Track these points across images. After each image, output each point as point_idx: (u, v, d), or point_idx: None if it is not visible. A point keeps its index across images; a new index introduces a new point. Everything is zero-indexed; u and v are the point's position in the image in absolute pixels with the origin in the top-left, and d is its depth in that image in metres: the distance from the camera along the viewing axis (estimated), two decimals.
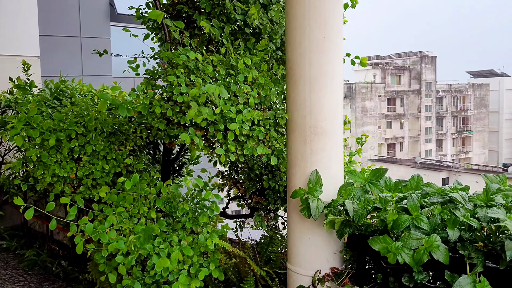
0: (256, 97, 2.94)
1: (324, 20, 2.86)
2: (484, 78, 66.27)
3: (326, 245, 2.89)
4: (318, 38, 2.84)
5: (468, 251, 2.25)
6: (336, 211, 2.74)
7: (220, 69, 2.91)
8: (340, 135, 2.98)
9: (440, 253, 2.23)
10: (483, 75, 68.21)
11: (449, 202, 2.44)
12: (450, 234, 2.29)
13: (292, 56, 2.95)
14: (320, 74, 2.86)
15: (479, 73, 69.43)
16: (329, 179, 2.88)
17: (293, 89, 2.95)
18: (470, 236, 2.34)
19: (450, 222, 2.32)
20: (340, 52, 2.95)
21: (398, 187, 2.78)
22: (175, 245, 2.77)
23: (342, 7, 2.98)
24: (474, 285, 2.08)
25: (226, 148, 2.78)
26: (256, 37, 3.58)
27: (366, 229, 2.72)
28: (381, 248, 2.35)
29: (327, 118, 2.88)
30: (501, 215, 2.14)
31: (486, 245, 2.29)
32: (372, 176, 2.79)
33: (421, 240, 2.27)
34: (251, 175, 3.67)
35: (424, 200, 2.54)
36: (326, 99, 2.88)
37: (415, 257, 2.27)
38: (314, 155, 2.88)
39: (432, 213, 2.41)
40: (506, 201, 2.34)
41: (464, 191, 2.48)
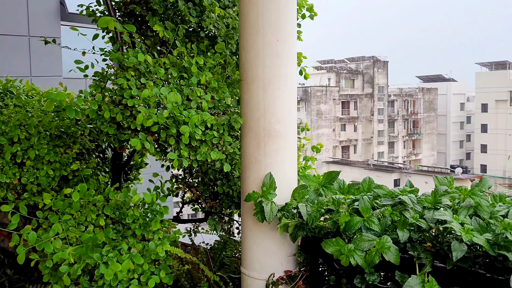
0: (210, 101, 2.89)
1: (278, 23, 2.85)
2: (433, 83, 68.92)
3: (280, 248, 2.88)
4: (271, 40, 2.83)
5: (418, 251, 2.30)
6: (290, 214, 2.73)
7: (172, 71, 2.84)
8: (294, 137, 2.98)
9: (391, 254, 2.26)
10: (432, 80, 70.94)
11: (399, 204, 2.48)
12: (400, 235, 2.32)
13: (246, 58, 2.93)
14: (274, 76, 2.85)
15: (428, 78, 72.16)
16: (283, 181, 2.87)
17: (247, 91, 2.92)
18: (419, 237, 2.39)
19: (400, 224, 2.36)
20: (294, 54, 2.96)
21: (351, 189, 2.81)
22: (125, 253, 2.67)
23: (295, 10, 2.99)
24: (423, 285, 2.12)
25: (179, 153, 2.71)
26: (212, 41, 3.54)
27: (319, 231, 2.73)
28: (334, 251, 2.36)
29: (280, 120, 2.87)
30: (447, 217, 2.19)
31: (435, 245, 2.34)
32: (325, 179, 2.81)
33: (373, 241, 2.29)
34: (205, 179, 3.61)
35: (376, 202, 2.57)
36: (279, 102, 2.87)
37: (367, 258, 2.29)
38: (267, 157, 2.86)
39: (383, 214, 2.44)
40: (453, 203, 2.41)
41: (413, 193, 2.53)
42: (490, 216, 2.21)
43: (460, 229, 2.10)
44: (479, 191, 2.31)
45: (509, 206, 2.22)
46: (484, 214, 2.24)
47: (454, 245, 2.11)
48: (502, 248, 2.10)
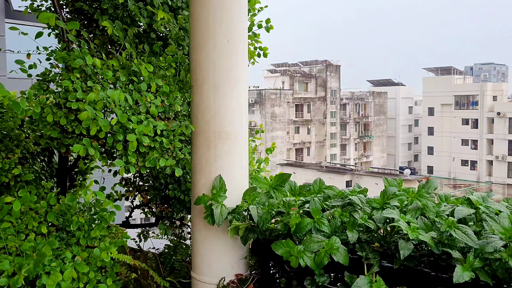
0: (160, 106, 2.81)
1: (229, 24, 2.83)
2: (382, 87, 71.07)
3: (231, 252, 2.85)
4: (222, 41, 2.80)
5: (366, 252, 2.33)
6: (241, 216, 2.71)
7: (121, 74, 2.75)
8: (245, 139, 2.96)
9: (340, 254, 2.28)
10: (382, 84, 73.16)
11: (348, 205, 2.51)
12: (349, 236, 2.35)
13: (196, 60, 2.88)
14: (225, 78, 2.82)
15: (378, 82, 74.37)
16: (234, 184, 2.84)
17: (197, 93, 2.88)
18: (368, 238, 2.43)
19: (349, 225, 2.39)
20: (245, 56, 2.94)
21: (302, 191, 2.82)
22: (68, 262, 2.55)
23: (246, 12, 2.97)
24: (370, 285, 2.15)
25: (126, 159, 2.62)
26: (163, 42, 3.46)
27: (270, 234, 2.73)
28: (283, 252, 2.35)
29: (231, 122, 2.85)
30: (395, 215, 2.23)
31: (382, 245, 2.38)
32: (276, 181, 2.80)
33: (322, 242, 2.31)
34: (155, 183, 3.53)
35: (326, 203, 2.59)
36: (230, 104, 2.85)
37: (316, 260, 2.30)
38: (218, 160, 2.83)
39: (333, 216, 2.47)
40: (401, 205, 2.46)
41: (362, 193, 2.57)
42: (436, 215, 2.28)
43: (407, 228, 2.15)
44: (425, 192, 2.38)
45: (454, 205, 2.29)
46: (430, 214, 2.30)
47: (401, 244, 2.15)
48: (446, 245, 2.16)
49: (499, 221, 2.01)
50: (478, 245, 2.02)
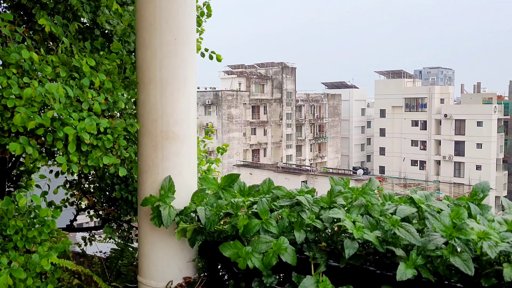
0: (104, 103, 2.71)
1: (176, 22, 2.76)
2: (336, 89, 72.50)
3: (178, 254, 2.79)
4: (169, 39, 2.74)
5: (313, 251, 2.33)
6: (189, 218, 2.65)
7: (61, 70, 2.62)
8: (193, 140, 2.90)
9: (288, 255, 2.27)
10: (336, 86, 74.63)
11: (296, 205, 2.51)
12: (297, 236, 2.34)
13: (142, 58, 2.80)
14: (172, 77, 2.75)
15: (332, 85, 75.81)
16: (182, 185, 2.78)
17: (144, 92, 2.80)
18: (315, 237, 2.43)
19: (297, 225, 2.39)
20: (193, 55, 2.89)
21: (251, 191, 2.79)
22: (4, 267, 2.41)
23: (194, 10, 2.92)
24: (317, 285, 2.15)
25: (68, 158, 2.50)
26: (108, 39, 3.34)
27: (219, 235, 2.68)
28: (231, 254, 2.32)
29: (179, 122, 2.78)
30: (341, 215, 2.25)
31: (330, 245, 2.39)
32: (225, 182, 2.76)
33: (270, 243, 2.29)
34: (101, 184, 3.41)
35: (274, 203, 2.58)
36: (178, 103, 2.78)
37: (264, 260, 2.28)
38: (165, 161, 2.76)
39: (281, 216, 2.45)
40: (346, 202, 2.48)
41: (310, 193, 2.57)
42: (380, 214, 2.31)
43: (352, 227, 2.16)
44: (369, 190, 2.41)
45: (397, 204, 2.32)
46: (375, 213, 2.33)
47: (346, 243, 2.16)
48: (390, 244, 2.19)
49: (440, 219, 2.06)
50: (421, 243, 2.06)
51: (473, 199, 2.32)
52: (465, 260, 1.92)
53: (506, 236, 2.02)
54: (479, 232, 1.94)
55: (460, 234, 1.98)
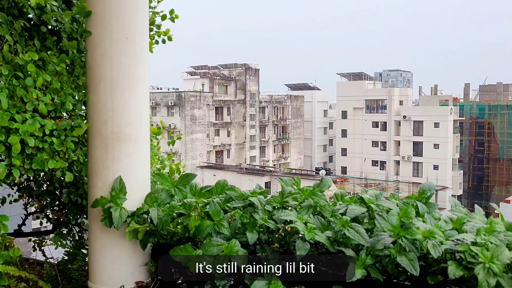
0: (50, 104, 2.60)
1: (127, 20, 2.70)
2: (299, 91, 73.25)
3: (130, 258, 2.72)
4: (120, 38, 2.67)
5: (266, 252, 2.32)
6: (141, 219, 2.59)
7: (3, 69, 2.50)
8: (146, 140, 2.84)
9: (240, 258, 2.25)
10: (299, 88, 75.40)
11: (249, 206, 2.49)
12: (249, 237, 2.33)
13: (92, 56, 2.72)
14: (123, 76, 2.69)
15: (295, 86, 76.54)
16: (135, 186, 2.72)
17: (93, 92, 2.72)
18: (269, 238, 2.43)
19: (249, 226, 2.37)
20: (145, 54, 2.83)
21: (203, 192, 2.76)
22: None
23: (147, 8, 2.86)
24: (268, 286, 2.14)
25: (10, 162, 2.38)
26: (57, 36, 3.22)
27: (172, 237, 2.64)
28: (182, 258, 2.28)
29: (131, 123, 2.72)
30: (292, 217, 2.25)
31: (283, 245, 2.39)
32: (180, 181, 2.72)
33: (221, 246, 2.26)
34: (50, 188, 3.29)
35: (227, 205, 2.56)
36: (129, 103, 2.72)
37: (215, 264, 2.25)
38: (117, 162, 2.69)
39: (233, 217, 2.43)
40: (297, 202, 2.48)
41: (263, 194, 2.56)
42: (331, 214, 2.32)
43: (304, 228, 2.17)
44: (319, 191, 2.42)
45: (348, 204, 2.35)
46: (326, 213, 2.34)
47: (298, 244, 2.17)
48: (341, 244, 2.21)
49: (388, 219, 2.09)
50: (369, 243, 2.09)
51: (421, 198, 2.37)
52: (411, 260, 1.96)
53: (451, 234, 2.07)
54: (425, 231, 1.98)
55: (406, 233, 2.01)
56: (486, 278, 1.79)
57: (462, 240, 1.99)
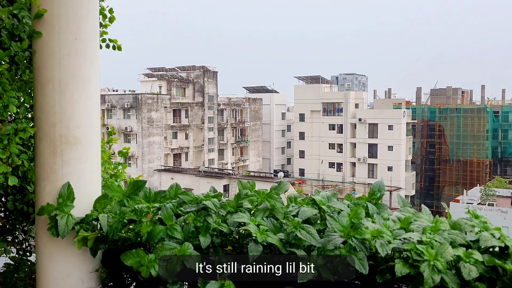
0: None
1: (77, 20, 2.63)
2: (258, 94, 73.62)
3: (80, 265, 2.64)
4: (69, 39, 2.60)
5: (219, 256, 2.31)
6: (90, 226, 2.52)
7: None
8: (96, 144, 2.78)
9: (193, 260, 2.23)
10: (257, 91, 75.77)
11: (203, 210, 2.48)
12: (202, 241, 2.31)
13: (40, 57, 2.63)
14: (72, 78, 2.61)
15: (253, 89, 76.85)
16: (84, 192, 2.65)
17: (41, 94, 2.63)
18: (222, 241, 2.42)
19: (202, 230, 2.36)
20: (96, 55, 2.76)
21: (157, 197, 2.72)
22: None
23: (97, 8, 2.80)
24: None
25: None
26: None
27: (123, 243, 2.58)
28: (133, 263, 2.24)
29: (81, 126, 2.65)
30: (245, 219, 2.25)
31: (236, 248, 2.39)
32: (130, 189, 2.66)
33: (174, 249, 2.24)
34: None
35: (180, 209, 2.53)
36: (79, 106, 2.65)
37: (168, 267, 2.22)
38: (66, 166, 2.61)
39: (186, 221, 2.41)
40: (253, 205, 2.49)
41: (217, 198, 2.56)
42: (284, 216, 2.34)
43: (256, 231, 2.17)
44: (275, 194, 2.44)
45: (300, 206, 2.37)
46: (279, 215, 2.36)
47: (250, 247, 2.17)
48: (294, 245, 2.23)
49: (339, 220, 2.13)
50: (321, 243, 2.12)
51: (371, 198, 2.43)
52: (361, 259, 2.00)
53: (399, 234, 2.13)
54: (373, 231, 2.04)
55: (356, 233, 2.06)
56: (431, 275, 1.86)
57: (409, 239, 2.05)
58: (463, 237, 2.14)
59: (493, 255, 2.08)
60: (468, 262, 1.94)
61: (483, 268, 1.99)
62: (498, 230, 2.17)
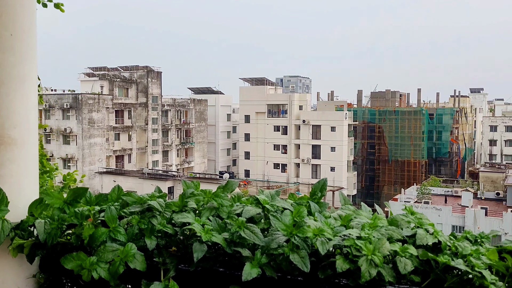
0: None
1: (13, 16, 2.52)
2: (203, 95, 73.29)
3: (16, 270, 2.52)
4: (4, 35, 2.49)
5: (164, 257, 2.30)
6: (26, 233, 2.42)
7: None
8: (34, 145, 2.67)
9: (137, 261, 2.20)
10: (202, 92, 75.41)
11: (147, 211, 2.45)
12: (148, 243, 2.28)
13: None
14: (7, 76, 2.50)
15: (199, 90, 76.43)
16: (20, 195, 2.53)
17: None
18: (166, 243, 2.40)
19: (147, 231, 2.33)
20: (33, 53, 2.66)
21: (99, 200, 2.65)
22: None
23: (34, 3, 2.70)
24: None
25: None
26: None
27: (63, 248, 2.50)
28: (74, 266, 2.17)
29: (16, 126, 2.53)
30: (190, 219, 2.25)
31: (181, 249, 2.38)
32: (71, 196, 2.57)
33: (117, 251, 2.20)
34: None
35: (124, 210, 2.49)
36: (15, 105, 2.53)
37: (111, 270, 2.18)
38: (0, 169, 2.49)
39: (130, 223, 2.37)
40: (199, 205, 2.49)
41: (162, 198, 2.53)
42: (228, 216, 2.36)
43: (201, 230, 2.18)
44: (221, 193, 2.45)
45: (244, 205, 2.40)
46: (224, 214, 2.38)
47: (195, 247, 2.17)
48: (238, 245, 2.26)
49: (281, 219, 2.18)
50: (264, 242, 2.16)
51: (313, 197, 2.50)
52: (303, 257, 2.06)
53: (339, 230, 2.21)
54: (315, 229, 2.10)
55: (298, 232, 2.11)
56: (368, 269, 1.94)
57: (349, 236, 2.13)
58: (399, 233, 2.26)
59: (426, 249, 2.20)
60: (404, 256, 2.05)
61: (418, 261, 2.10)
62: (431, 226, 2.31)
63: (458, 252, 2.07)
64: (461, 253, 2.04)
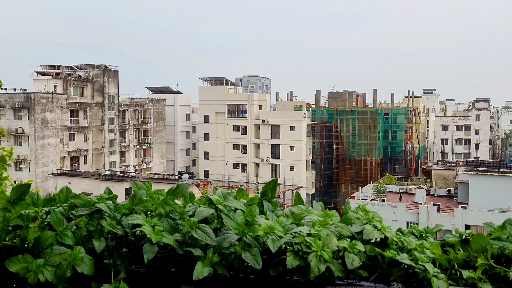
0: None
1: None
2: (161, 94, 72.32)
3: None
4: None
5: (114, 258, 2.26)
6: None
7: None
8: None
9: (85, 265, 2.16)
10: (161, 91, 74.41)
11: (96, 213, 2.40)
12: (96, 245, 2.24)
13: None
14: None
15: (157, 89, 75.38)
16: None
17: None
18: (117, 244, 2.36)
19: (96, 233, 2.29)
20: None
21: (46, 202, 2.58)
22: None
23: None
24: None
25: None
26: None
27: (8, 252, 2.41)
28: (19, 269, 2.11)
29: None
30: (140, 220, 2.23)
31: (132, 250, 2.35)
32: (14, 194, 2.49)
33: (64, 254, 2.15)
34: None
35: (72, 212, 2.43)
36: None
37: (57, 273, 2.12)
38: None
39: (77, 225, 2.32)
40: (151, 207, 2.46)
41: (111, 200, 2.49)
42: (180, 217, 2.35)
43: (151, 231, 2.16)
44: (170, 199, 2.43)
45: (197, 206, 2.40)
46: (176, 215, 2.37)
47: (145, 248, 2.15)
48: (190, 245, 2.25)
49: (234, 218, 2.20)
50: (216, 242, 2.16)
51: (263, 197, 2.53)
52: (254, 255, 2.08)
53: (290, 228, 2.25)
54: (266, 227, 2.12)
55: (250, 230, 2.13)
56: (317, 265, 1.99)
57: (299, 233, 2.17)
58: (348, 229, 2.32)
59: (375, 244, 2.27)
60: (352, 252, 2.11)
61: (366, 257, 2.17)
62: (379, 222, 2.38)
63: (404, 247, 2.15)
64: (406, 248, 2.12)
